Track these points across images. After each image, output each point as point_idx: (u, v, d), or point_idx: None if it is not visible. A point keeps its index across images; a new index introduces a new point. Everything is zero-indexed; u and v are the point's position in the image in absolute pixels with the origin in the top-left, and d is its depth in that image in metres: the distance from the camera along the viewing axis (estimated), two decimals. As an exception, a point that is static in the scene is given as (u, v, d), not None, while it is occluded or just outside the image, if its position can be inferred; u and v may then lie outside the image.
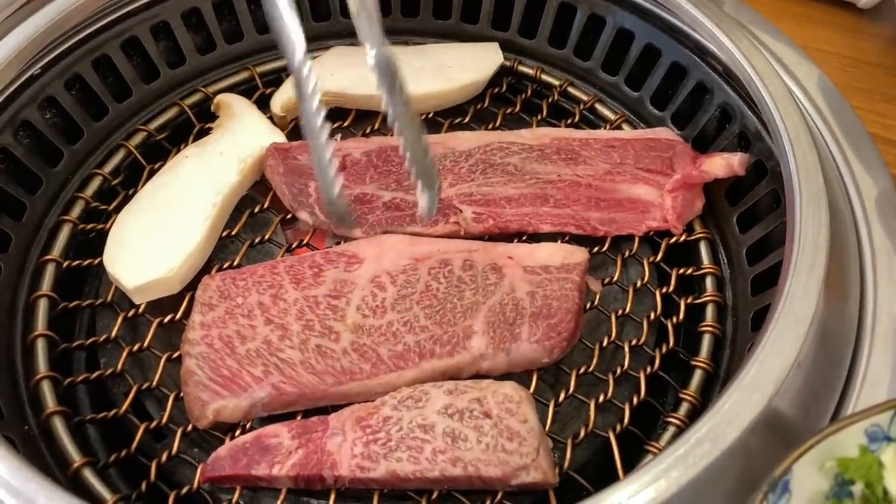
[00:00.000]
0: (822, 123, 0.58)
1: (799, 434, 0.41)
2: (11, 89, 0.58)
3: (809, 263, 0.44)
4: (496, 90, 0.71)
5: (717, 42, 0.58)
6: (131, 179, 0.64)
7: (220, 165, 0.61)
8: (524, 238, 0.60)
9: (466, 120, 0.68)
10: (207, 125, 0.66)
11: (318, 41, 0.73)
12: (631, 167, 0.62)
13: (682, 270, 0.60)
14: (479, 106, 0.70)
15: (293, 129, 0.67)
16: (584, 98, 0.70)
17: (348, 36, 0.74)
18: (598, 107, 0.70)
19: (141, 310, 0.55)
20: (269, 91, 0.69)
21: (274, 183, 0.61)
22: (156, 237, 0.56)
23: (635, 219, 0.60)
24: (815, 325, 0.43)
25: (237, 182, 0.61)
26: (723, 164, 0.60)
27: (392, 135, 0.66)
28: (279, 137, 0.63)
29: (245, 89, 0.70)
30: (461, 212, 0.59)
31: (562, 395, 0.52)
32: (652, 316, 0.57)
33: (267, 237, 0.60)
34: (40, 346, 0.54)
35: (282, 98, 0.67)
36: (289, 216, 0.62)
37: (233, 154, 0.62)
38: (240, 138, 0.63)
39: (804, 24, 0.76)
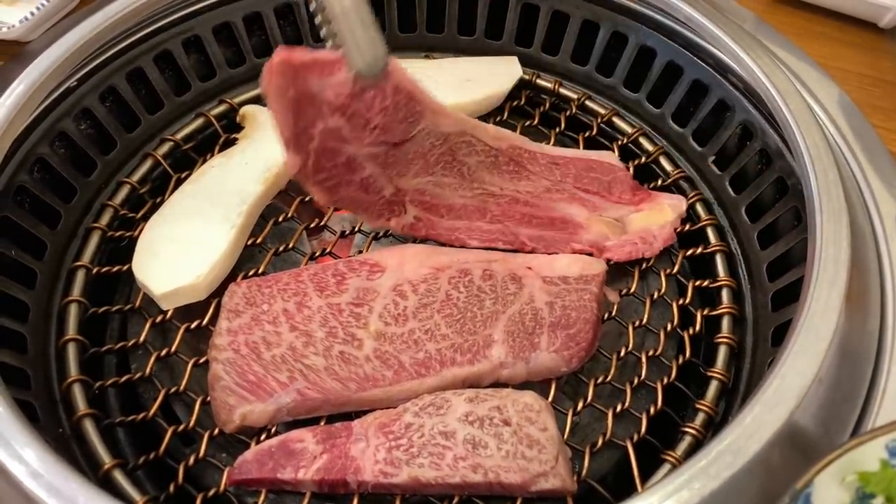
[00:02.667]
0: (842, 141, 0.58)
1: (819, 448, 0.41)
2: (49, 101, 0.60)
3: (831, 280, 0.45)
4: (515, 103, 0.72)
5: (739, 60, 0.59)
6: (159, 189, 0.65)
7: (246, 175, 0.62)
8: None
9: (487, 132, 0.69)
10: (233, 136, 0.67)
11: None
12: (570, 185, 0.63)
13: (698, 283, 0.60)
14: (498, 118, 0.71)
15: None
16: (602, 112, 0.71)
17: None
18: (616, 120, 0.71)
19: (169, 315, 0.57)
20: (293, 103, 0.70)
21: (276, 105, 0.49)
22: (183, 245, 0.58)
23: (563, 239, 0.61)
24: (836, 340, 0.43)
25: (262, 192, 0.62)
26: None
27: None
28: None
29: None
30: (405, 213, 0.60)
31: (580, 405, 0.53)
32: (669, 327, 0.57)
33: (291, 245, 0.61)
34: (71, 350, 0.55)
35: (306, 109, 0.68)
36: (313, 225, 0.63)
37: (258, 164, 0.63)
38: (264, 149, 0.64)
39: (824, 43, 0.76)
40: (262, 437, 0.51)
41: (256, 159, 0.63)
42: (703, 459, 0.39)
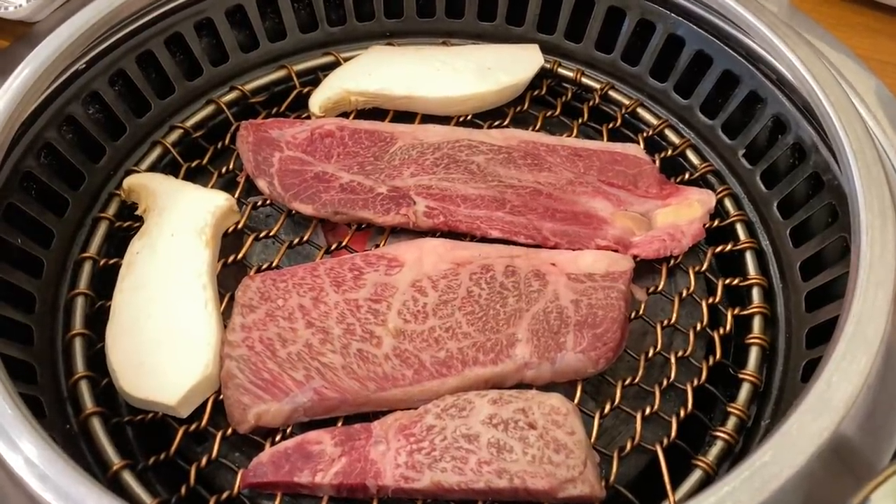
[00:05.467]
0: (881, 135, 0.56)
1: (864, 459, 0.39)
2: (57, 84, 0.58)
3: (878, 281, 0.43)
4: (536, 92, 0.70)
5: (774, 49, 0.57)
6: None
7: (181, 246, 0.56)
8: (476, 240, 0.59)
9: (506, 122, 0.67)
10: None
11: (357, 42, 0.72)
12: (594, 178, 0.61)
13: (728, 281, 0.58)
14: (518, 108, 0.69)
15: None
16: (626, 102, 0.69)
17: (388, 36, 0.73)
18: (641, 111, 0.68)
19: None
20: (306, 90, 0.68)
21: (242, 150, 0.62)
22: (168, 342, 0.51)
23: (587, 234, 0.58)
24: (883, 345, 0.41)
25: (210, 255, 0.56)
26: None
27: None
28: (221, 197, 0.58)
29: (282, 89, 0.69)
30: (415, 203, 0.58)
31: (607, 407, 0.51)
32: (698, 327, 0.55)
33: (306, 238, 0.59)
34: (78, 344, 0.53)
35: (320, 98, 0.66)
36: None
37: (187, 229, 0.56)
38: (183, 212, 0.57)
39: (863, 34, 0.74)
40: (278, 437, 0.49)
41: (181, 226, 0.56)
42: (746, 471, 0.37)
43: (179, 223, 0.57)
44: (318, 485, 0.46)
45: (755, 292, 0.58)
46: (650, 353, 0.54)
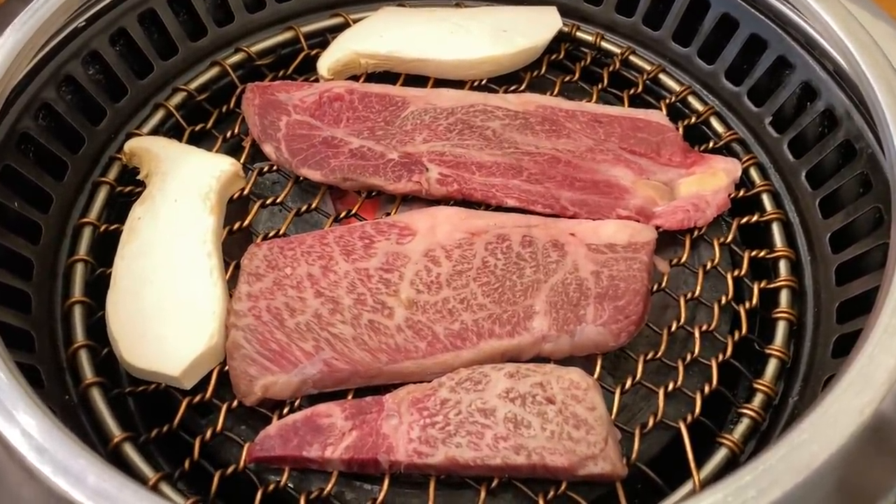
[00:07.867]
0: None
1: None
2: (55, 42, 0.56)
3: (922, 252, 0.41)
4: (554, 56, 0.67)
5: (807, 10, 0.54)
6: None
7: (185, 212, 0.53)
8: (491, 209, 0.57)
9: (522, 87, 0.65)
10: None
11: (367, 3, 0.70)
12: (614, 146, 0.59)
13: (754, 253, 0.56)
14: (535, 73, 0.66)
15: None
16: (648, 67, 0.66)
17: (400, -3, 0.71)
18: (663, 77, 0.66)
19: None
20: (314, 52, 0.66)
21: (247, 114, 0.60)
22: (172, 310, 0.49)
23: (608, 204, 0.56)
24: (926, 321, 0.39)
25: (215, 221, 0.54)
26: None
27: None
28: (226, 161, 0.57)
29: (290, 51, 0.66)
30: (427, 171, 0.56)
31: (628, 382, 0.49)
32: (723, 300, 0.53)
33: (314, 206, 0.57)
34: (77, 312, 0.52)
35: (329, 60, 0.64)
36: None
37: (191, 195, 0.54)
38: (187, 177, 0.55)
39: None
40: (285, 410, 0.48)
41: (185, 191, 0.54)
42: (783, 448, 0.35)
43: (183, 188, 0.55)
44: (328, 459, 0.44)
45: (782, 265, 0.56)
46: (673, 327, 0.52)
